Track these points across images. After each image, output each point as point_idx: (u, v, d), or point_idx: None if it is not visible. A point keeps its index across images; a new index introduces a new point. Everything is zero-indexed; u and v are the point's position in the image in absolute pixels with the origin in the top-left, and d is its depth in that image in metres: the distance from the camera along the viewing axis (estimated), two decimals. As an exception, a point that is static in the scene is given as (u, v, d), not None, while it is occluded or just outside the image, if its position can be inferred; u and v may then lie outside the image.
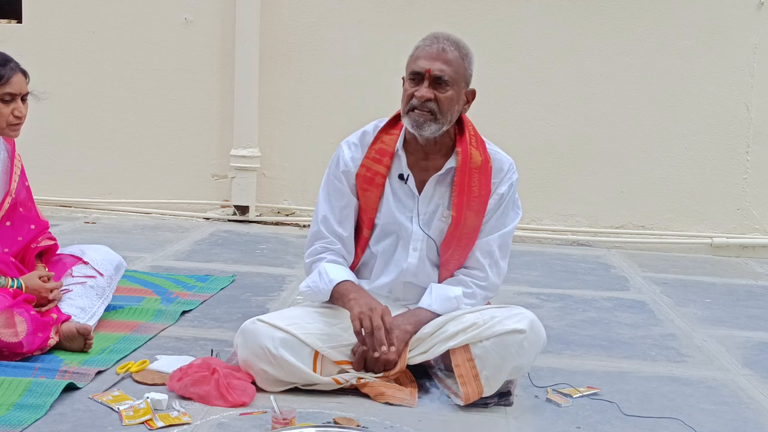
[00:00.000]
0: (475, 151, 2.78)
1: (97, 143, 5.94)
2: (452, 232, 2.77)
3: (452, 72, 2.67)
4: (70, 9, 5.88)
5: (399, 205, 2.81)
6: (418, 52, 2.71)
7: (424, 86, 2.66)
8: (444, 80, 2.66)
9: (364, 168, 2.82)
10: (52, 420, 2.38)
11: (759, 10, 5.45)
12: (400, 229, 2.81)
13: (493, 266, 2.83)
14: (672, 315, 3.97)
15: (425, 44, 2.70)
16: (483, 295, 2.83)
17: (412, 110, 2.68)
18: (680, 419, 2.63)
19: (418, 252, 2.80)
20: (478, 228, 2.79)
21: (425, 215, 2.80)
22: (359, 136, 2.87)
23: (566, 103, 5.61)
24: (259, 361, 2.61)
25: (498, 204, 2.81)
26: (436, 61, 2.66)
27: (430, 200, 2.81)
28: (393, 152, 2.80)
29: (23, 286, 2.92)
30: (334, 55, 5.68)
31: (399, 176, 2.80)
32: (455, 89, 2.69)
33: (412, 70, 2.70)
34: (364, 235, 2.86)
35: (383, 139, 2.82)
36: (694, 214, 5.60)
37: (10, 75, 2.93)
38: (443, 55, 2.66)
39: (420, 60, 2.68)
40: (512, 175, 2.84)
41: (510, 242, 2.88)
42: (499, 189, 2.81)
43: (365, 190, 2.82)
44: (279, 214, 5.89)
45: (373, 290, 2.87)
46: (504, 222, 2.84)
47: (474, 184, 2.76)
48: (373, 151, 2.82)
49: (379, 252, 2.86)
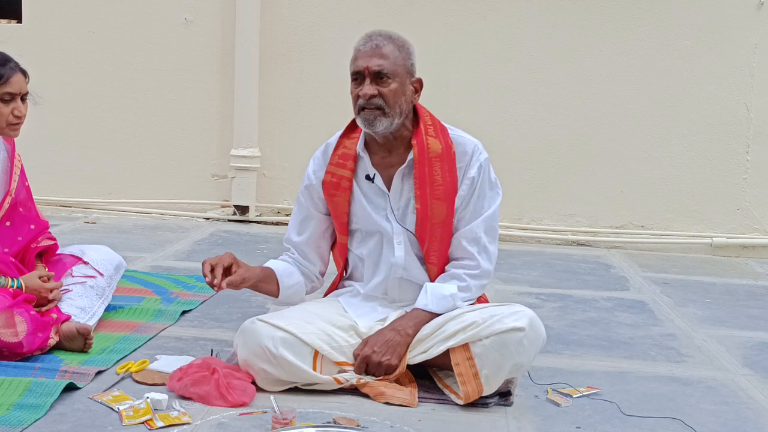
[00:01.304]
0: (432, 140, 2.78)
1: (97, 143, 5.94)
2: (421, 224, 2.77)
3: (390, 65, 2.71)
4: (70, 9, 5.88)
5: (372, 205, 2.83)
6: (355, 54, 2.78)
7: (366, 84, 2.72)
8: (384, 74, 2.71)
9: (329, 174, 2.87)
10: (52, 420, 2.38)
11: (759, 10, 5.45)
12: (381, 229, 2.84)
13: (482, 252, 2.81)
14: (672, 315, 3.97)
15: (360, 44, 2.78)
16: (477, 285, 2.82)
17: (362, 110, 2.73)
18: (680, 419, 2.63)
19: (402, 245, 2.82)
20: (450, 216, 2.79)
21: (399, 210, 2.82)
22: (323, 149, 2.96)
23: (566, 103, 5.61)
24: (259, 360, 2.61)
25: (471, 188, 2.80)
26: (373, 57, 2.72)
27: (401, 195, 2.82)
28: (356, 155, 2.84)
29: (23, 286, 2.92)
30: (334, 55, 5.68)
31: (366, 177, 2.83)
32: (398, 81, 2.72)
33: (352, 72, 2.77)
34: (340, 242, 2.91)
35: (345, 144, 2.88)
36: (694, 214, 5.60)
37: (9, 75, 2.93)
38: (378, 51, 2.72)
39: (358, 60, 2.75)
40: (479, 156, 2.82)
41: (496, 225, 2.86)
42: (468, 173, 2.80)
43: (333, 195, 2.86)
44: (279, 214, 5.89)
45: (369, 292, 2.89)
46: (483, 205, 2.82)
47: (436, 173, 2.76)
48: (336, 156, 2.88)
49: (365, 254, 2.88)
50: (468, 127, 2.99)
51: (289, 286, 2.90)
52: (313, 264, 2.96)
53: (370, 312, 2.86)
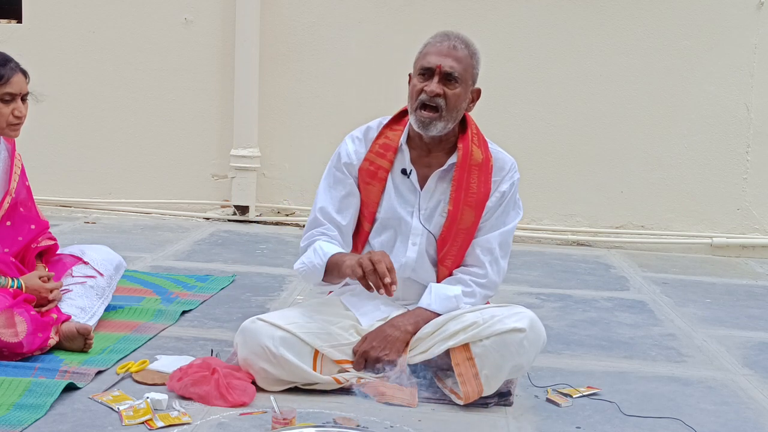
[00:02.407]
0: (476, 149, 2.80)
1: (97, 143, 5.94)
2: (449, 227, 2.78)
3: (461, 69, 2.70)
4: (70, 9, 5.88)
5: (401, 199, 2.82)
6: (428, 49, 2.73)
7: (434, 81, 2.69)
8: (454, 77, 2.69)
9: (367, 162, 2.83)
10: (52, 420, 2.38)
11: (759, 10, 5.45)
12: (400, 224, 2.82)
13: (493, 264, 2.83)
14: (672, 315, 3.97)
15: (436, 41, 2.73)
16: (482, 294, 2.83)
17: (421, 107, 2.70)
18: (680, 419, 2.63)
19: (417, 246, 2.81)
20: (475, 225, 2.80)
21: (426, 210, 2.81)
22: (363, 131, 2.89)
23: (566, 103, 5.61)
24: (259, 360, 2.61)
25: (499, 202, 2.83)
26: (447, 58, 2.69)
27: (432, 196, 2.82)
28: (397, 147, 2.82)
29: (23, 286, 2.92)
30: (334, 55, 5.68)
31: (402, 171, 2.82)
32: (463, 87, 2.71)
33: (421, 66, 2.72)
34: (365, 229, 2.87)
35: (387, 135, 2.84)
36: (694, 214, 5.60)
37: (10, 75, 2.93)
38: (454, 53, 2.70)
39: (430, 56, 2.71)
40: (514, 174, 2.86)
41: (510, 242, 2.89)
42: (500, 187, 2.83)
43: (368, 183, 2.83)
44: (279, 214, 5.89)
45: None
46: (504, 221, 2.85)
47: (473, 181, 2.78)
48: (377, 145, 2.84)
49: (377, 247, 2.87)
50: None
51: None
52: (348, 247, 2.85)
53: (373, 310, 2.85)
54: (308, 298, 3.56)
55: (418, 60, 2.75)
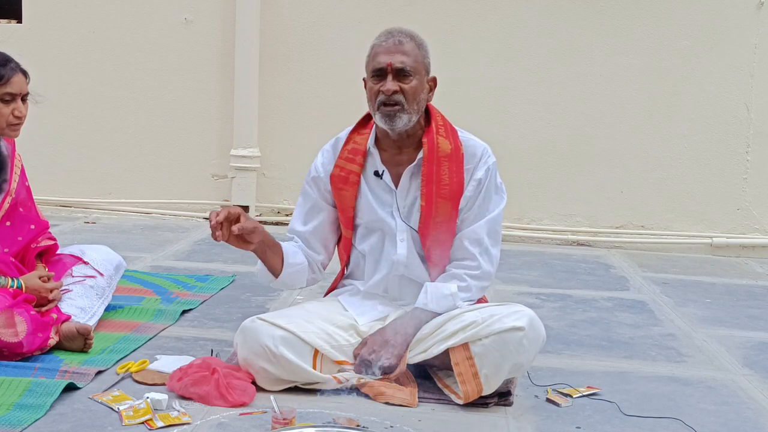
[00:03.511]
0: (443, 140, 2.80)
1: (97, 143, 5.94)
2: (425, 221, 2.78)
3: (412, 62, 2.72)
4: (70, 9, 5.88)
5: (378, 201, 2.84)
6: (375, 50, 2.76)
7: (389, 80, 2.71)
8: (406, 71, 2.71)
9: (337, 168, 2.87)
10: (52, 420, 2.38)
11: (759, 10, 5.45)
12: (384, 225, 2.84)
13: (483, 254, 2.82)
14: (672, 315, 3.96)
15: (381, 41, 2.76)
16: (478, 286, 2.82)
17: (382, 105, 2.72)
18: (680, 419, 2.63)
19: (405, 242, 2.83)
20: (454, 217, 2.79)
21: (405, 208, 2.83)
22: (332, 143, 2.94)
23: (566, 103, 5.61)
24: (259, 359, 2.61)
25: (477, 190, 2.81)
26: (395, 54, 2.72)
27: (408, 193, 2.83)
28: (365, 150, 2.84)
29: (23, 286, 2.92)
30: (334, 55, 5.68)
31: (374, 173, 2.84)
32: (418, 78, 2.73)
33: (373, 68, 2.75)
34: (345, 236, 2.91)
35: (355, 139, 2.88)
36: (694, 214, 5.60)
37: (10, 75, 2.93)
38: (400, 48, 2.72)
39: (379, 56, 2.74)
40: (487, 159, 2.84)
41: (499, 229, 2.87)
42: (475, 175, 2.81)
43: (341, 189, 2.86)
44: (279, 214, 5.89)
45: (369, 289, 2.89)
46: (488, 208, 2.83)
47: (444, 173, 2.77)
48: (346, 151, 2.87)
49: (367, 251, 2.89)
50: (468, 126, 2.98)
51: (293, 264, 2.86)
52: (317, 253, 2.93)
53: (371, 310, 2.86)
54: (308, 298, 3.56)
55: (369, 63, 2.77)
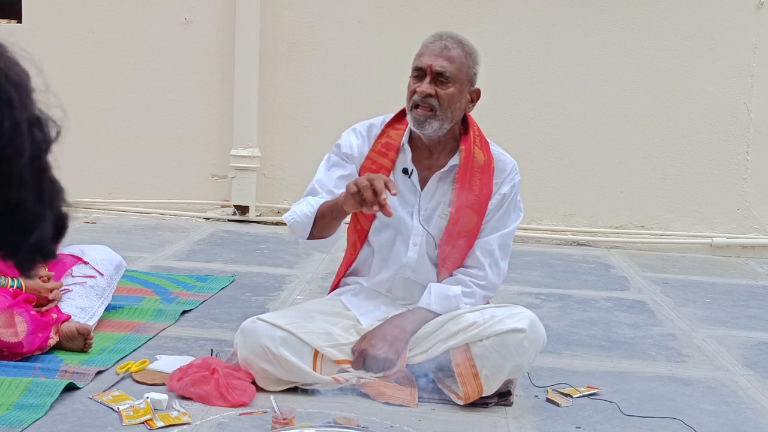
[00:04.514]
0: (478, 151, 2.80)
1: (97, 143, 5.93)
2: (450, 229, 2.77)
3: (454, 69, 2.69)
4: (70, 9, 5.87)
5: (401, 199, 2.81)
6: (422, 50, 2.75)
7: (426, 82, 2.69)
8: (445, 76, 2.69)
9: (369, 161, 2.83)
10: (52, 420, 2.38)
11: (759, 10, 5.45)
12: (400, 224, 2.82)
13: (492, 266, 2.83)
14: (672, 315, 3.96)
15: (429, 42, 2.75)
16: (482, 295, 2.83)
17: (415, 107, 2.71)
18: (680, 419, 2.63)
19: (417, 247, 2.81)
20: (477, 227, 2.80)
21: (426, 211, 2.81)
22: (367, 128, 2.88)
23: (566, 103, 5.61)
24: (259, 359, 2.61)
25: (500, 204, 2.82)
26: (439, 58, 2.69)
27: (432, 197, 2.82)
28: (398, 147, 2.82)
29: (23, 286, 2.92)
30: (334, 55, 5.67)
31: (403, 171, 2.82)
32: (457, 87, 2.70)
33: (415, 66, 2.74)
34: (363, 227, 2.87)
35: (389, 134, 2.84)
36: (694, 214, 5.60)
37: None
38: (446, 52, 2.70)
39: (423, 56, 2.72)
40: (515, 176, 2.86)
41: (510, 243, 2.89)
42: (501, 189, 2.82)
43: None
44: (279, 214, 5.88)
45: (373, 286, 2.89)
46: (505, 223, 2.85)
47: (475, 183, 2.78)
48: (379, 144, 2.84)
49: (376, 246, 2.87)
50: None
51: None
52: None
53: (374, 310, 2.85)
54: (308, 298, 3.56)
55: (413, 61, 2.76)
